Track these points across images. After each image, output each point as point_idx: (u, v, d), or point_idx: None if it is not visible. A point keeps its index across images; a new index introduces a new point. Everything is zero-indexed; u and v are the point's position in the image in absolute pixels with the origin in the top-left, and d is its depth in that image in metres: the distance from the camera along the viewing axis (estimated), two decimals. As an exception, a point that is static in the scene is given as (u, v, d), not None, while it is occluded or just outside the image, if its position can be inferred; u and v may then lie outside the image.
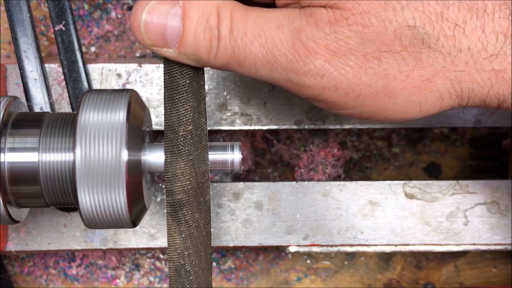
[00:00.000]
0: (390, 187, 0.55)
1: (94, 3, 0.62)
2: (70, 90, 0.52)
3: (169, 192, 0.39)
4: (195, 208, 0.40)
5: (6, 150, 0.41)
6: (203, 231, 0.40)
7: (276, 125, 0.54)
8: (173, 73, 0.39)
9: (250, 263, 0.64)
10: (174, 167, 0.39)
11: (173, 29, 0.37)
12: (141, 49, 0.63)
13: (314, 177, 0.62)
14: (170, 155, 0.39)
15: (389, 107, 0.37)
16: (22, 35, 0.51)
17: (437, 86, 0.36)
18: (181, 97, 0.39)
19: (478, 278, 0.64)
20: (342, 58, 0.36)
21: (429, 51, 0.36)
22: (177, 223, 0.39)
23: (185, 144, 0.39)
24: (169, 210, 0.40)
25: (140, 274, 0.63)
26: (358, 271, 0.64)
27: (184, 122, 0.39)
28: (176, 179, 0.39)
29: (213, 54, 0.37)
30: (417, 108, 0.37)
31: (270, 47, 0.36)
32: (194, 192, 0.39)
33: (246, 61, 0.37)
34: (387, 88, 0.36)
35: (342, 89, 0.36)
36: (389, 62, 0.36)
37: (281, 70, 0.36)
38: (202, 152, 0.40)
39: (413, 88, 0.36)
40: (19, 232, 0.53)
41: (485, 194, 0.55)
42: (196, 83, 0.39)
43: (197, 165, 0.39)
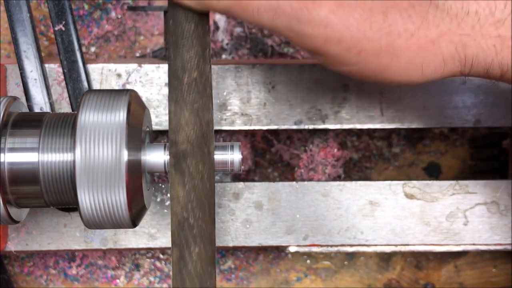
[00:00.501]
0: (390, 187, 0.55)
1: (94, 3, 0.62)
2: (70, 90, 0.52)
3: (173, 143, 0.38)
4: (199, 159, 0.38)
5: (6, 150, 0.41)
6: (207, 183, 0.39)
7: (276, 125, 0.54)
8: (178, 18, 0.38)
9: (250, 263, 0.64)
10: (178, 117, 0.38)
11: None
12: (141, 49, 0.63)
13: (314, 177, 0.62)
14: (174, 104, 0.38)
15: (391, 66, 0.36)
16: (22, 35, 0.51)
17: (441, 49, 0.36)
18: (186, 43, 0.38)
19: (478, 278, 0.64)
20: (347, 9, 0.35)
21: (436, 11, 0.35)
22: (180, 175, 0.38)
23: (190, 92, 0.38)
24: (173, 161, 0.38)
25: (140, 274, 0.63)
26: (358, 271, 0.64)
27: (188, 69, 0.38)
28: (180, 128, 0.38)
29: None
30: (419, 70, 0.37)
31: None
32: (198, 142, 0.38)
33: (249, 7, 0.36)
34: (391, 46, 0.36)
35: (345, 42, 0.36)
36: (394, 18, 0.35)
37: (284, 17, 0.36)
38: (207, 101, 0.39)
39: (417, 48, 0.36)
40: (19, 232, 0.53)
41: (485, 194, 0.55)
42: (201, 28, 0.38)
43: (202, 114, 0.38)
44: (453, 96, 0.55)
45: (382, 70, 0.37)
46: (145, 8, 0.57)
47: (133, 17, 0.62)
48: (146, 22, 0.63)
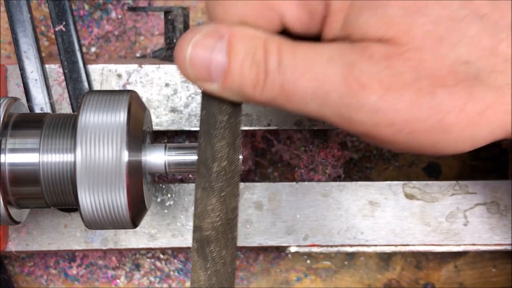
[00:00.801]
0: (390, 188, 0.55)
1: (94, 4, 0.62)
2: (71, 91, 0.52)
3: (197, 228, 0.38)
4: (223, 245, 0.39)
5: (6, 151, 0.41)
6: (229, 267, 0.39)
7: (276, 125, 0.54)
8: (212, 109, 0.38)
9: (250, 263, 0.64)
10: (205, 203, 0.38)
11: (218, 63, 0.36)
12: (141, 50, 0.63)
13: (314, 178, 0.62)
14: (202, 191, 0.38)
15: (441, 141, 0.37)
16: (22, 35, 0.51)
17: (489, 120, 0.36)
18: (218, 133, 0.38)
19: (478, 278, 0.64)
20: (396, 93, 0.35)
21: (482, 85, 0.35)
22: (203, 260, 0.38)
23: (218, 180, 0.38)
24: (196, 246, 0.38)
25: (140, 274, 0.63)
26: (358, 271, 0.64)
27: (219, 158, 0.38)
28: (206, 215, 0.38)
29: (259, 88, 0.36)
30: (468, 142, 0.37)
31: (321, 82, 0.35)
32: (223, 229, 0.38)
33: (295, 96, 0.36)
34: (441, 123, 0.36)
35: (396, 125, 0.36)
36: (443, 96, 0.35)
37: (332, 105, 0.36)
38: (234, 188, 0.39)
39: (466, 122, 0.36)
40: (20, 232, 0.53)
41: (485, 194, 0.55)
42: (233, 119, 0.39)
43: (229, 201, 0.39)
44: (453, 97, 0.55)
45: (432, 145, 0.37)
46: (145, 8, 0.57)
47: (133, 17, 0.62)
48: (146, 22, 0.63)
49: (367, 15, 0.35)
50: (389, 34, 0.34)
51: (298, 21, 0.37)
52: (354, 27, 0.35)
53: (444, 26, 0.35)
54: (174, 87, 0.53)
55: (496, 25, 0.35)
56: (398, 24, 0.34)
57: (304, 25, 0.37)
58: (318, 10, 0.36)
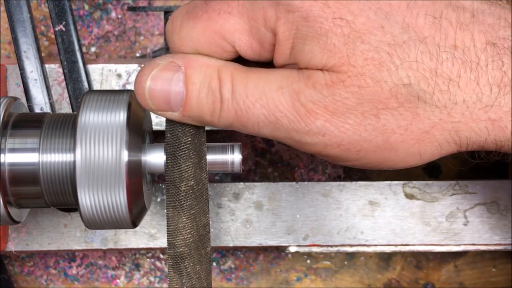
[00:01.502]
0: (390, 187, 0.55)
1: (94, 3, 0.62)
2: (70, 91, 0.52)
3: (171, 245, 0.40)
4: (197, 260, 0.40)
5: (6, 150, 0.41)
6: (204, 282, 0.41)
7: (276, 126, 0.54)
8: (175, 132, 0.40)
9: (250, 263, 0.64)
10: (176, 221, 0.40)
11: (176, 94, 0.38)
12: (141, 50, 0.63)
13: (314, 177, 0.62)
14: (172, 210, 0.40)
15: (390, 158, 0.38)
16: (22, 35, 0.51)
17: (436, 137, 0.38)
18: (183, 154, 0.40)
19: (478, 278, 0.64)
20: (341, 117, 0.37)
21: (425, 105, 0.37)
22: (178, 275, 0.40)
23: (187, 199, 0.40)
24: (171, 262, 0.40)
25: (140, 274, 0.63)
26: (358, 271, 0.64)
27: (185, 177, 0.40)
28: (178, 232, 0.40)
29: (216, 116, 0.38)
30: (417, 157, 0.39)
31: (272, 109, 0.37)
32: (195, 245, 0.40)
33: (249, 122, 0.38)
34: (387, 142, 0.37)
35: (343, 145, 0.38)
36: (387, 118, 0.37)
37: (283, 130, 0.38)
38: (203, 206, 0.41)
39: (412, 140, 0.38)
40: (20, 232, 0.53)
41: (485, 194, 0.55)
42: (197, 140, 0.40)
43: (199, 218, 0.40)
44: (453, 96, 0.55)
45: (383, 162, 0.39)
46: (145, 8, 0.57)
47: (133, 17, 0.62)
48: (146, 22, 0.63)
49: (311, 44, 0.36)
50: (331, 62, 0.36)
51: (250, 49, 0.39)
52: (300, 55, 0.37)
53: (385, 51, 0.36)
54: (174, 87, 0.53)
55: (438, 46, 0.36)
56: (340, 52, 0.36)
57: (256, 52, 0.39)
58: (267, 38, 0.38)
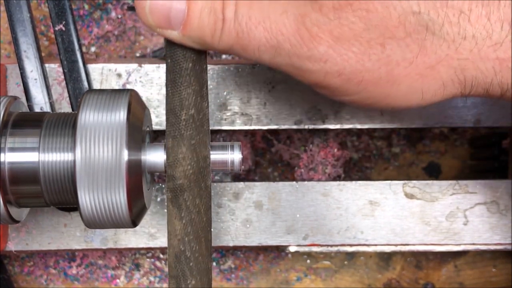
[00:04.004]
0: (390, 187, 0.55)
1: (94, 3, 0.62)
2: (70, 90, 0.52)
3: (170, 177, 0.39)
4: (196, 193, 0.39)
5: (6, 150, 0.41)
6: (204, 216, 0.40)
7: (276, 125, 0.54)
8: (176, 56, 0.39)
9: (250, 263, 0.64)
10: (176, 152, 0.39)
11: (178, 11, 0.37)
12: (141, 49, 0.63)
13: (314, 177, 0.62)
14: (172, 140, 0.39)
15: (391, 93, 0.37)
16: (22, 35, 0.51)
17: (440, 74, 0.36)
18: (184, 81, 0.39)
19: (478, 278, 0.64)
20: (345, 44, 0.35)
21: (433, 38, 0.35)
22: (177, 209, 0.39)
23: (187, 128, 0.39)
24: (170, 195, 0.39)
25: (140, 274, 0.63)
26: (358, 271, 0.64)
27: (186, 106, 0.39)
28: (178, 164, 0.39)
29: (217, 37, 0.37)
30: (419, 95, 0.37)
31: (274, 32, 0.36)
32: (195, 177, 0.39)
33: (250, 46, 0.37)
34: (390, 75, 0.36)
35: (345, 74, 0.36)
36: (392, 48, 0.35)
37: (285, 55, 0.37)
38: (204, 137, 0.39)
39: (416, 75, 0.36)
40: (19, 232, 0.53)
41: (485, 194, 0.55)
42: (198, 67, 0.39)
43: (199, 149, 0.39)
44: (453, 96, 0.55)
45: (383, 97, 0.38)
46: (145, 8, 0.56)
47: (133, 17, 0.62)
48: (146, 22, 0.62)
49: None
50: None
51: None
52: None
53: None
54: (174, 86, 0.53)
55: None
56: None
57: None
58: None
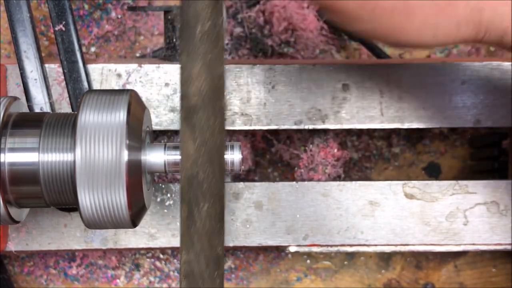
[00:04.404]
0: (390, 187, 0.55)
1: (94, 3, 0.62)
2: (70, 90, 0.52)
3: (184, 96, 0.37)
4: (211, 113, 0.38)
5: (6, 150, 0.41)
6: (218, 138, 0.38)
7: (276, 125, 0.54)
8: None
9: (250, 263, 0.64)
10: (190, 68, 0.37)
11: None
12: (141, 49, 0.63)
13: (314, 177, 0.62)
14: (186, 56, 0.37)
15: (404, 26, 0.36)
16: (22, 35, 0.51)
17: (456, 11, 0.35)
18: None
19: (478, 278, 0.64)
20: None
21: None
22: (191, 129, 0.37)
23: (202, 42, 0.37)
24: (183, 114, 0.37)
25: (140, 274, 0.63)
26: (358, 271, 0.64)
27: (201, 19, 0.37)
28: (192, 80, 0.37)
29: None
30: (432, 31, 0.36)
31: None
32: (209, 96, 0.38)
33: None
34: (406, 5, 0.35)
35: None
36: None
37: None
38: (219, 53, 0.38)
39: (432, 9, 0.35)
40: (19, 232, 0.53)
41: (485, 194, 0.55)
42: None
43: (214, 66, 0.38)
44: (453, 96, 0.55)
45: (396, 29, 0.36)
46: (145, 8, 0.57)
47: (133, 17, 0.62)
48: (146, 22, 0.63)
49: None
50: None
51: None
52: None
53: None
54: (173, 86, 0.53)
55: None
56: None
57: None
58: None
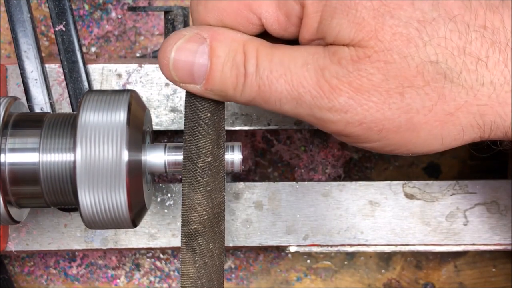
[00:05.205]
0: (390, 187, 0.55)
1: (94, 3, 0.62)
2: (71, 91, 0.52)
3: (185, 222, 0.40)
4: (210, 238, 0.40)
5: (6, 150, 0.41)
6: (217, 260, 0.40)
7: (276, 125, 0.54)
8: (195, 107, 0.40)
9: (250, 263, 0.64)
10: (192, 198, 0.40)
11: (200, 66, 0.38)
12: (141, 50, 0.63)
13: (314, 177, 0.62)
14: (188, 186, 0.40)
15: (411, 140, 0.38)
16: (22, 35, 0.51)
17: (459, 120, 0.37)
18: (202, 130, 0.40)
19: (478, 278, 0.64)
20: (365, 94, 0.36)
21: (452, 85, 0.36)
22: (191, 253, 0.40)
23: (204, 175, 0.40)
24: (184, 239, 0.40)
25: (140, 274, 0.63)
26: (358, 271, 0.64)
27: (203, 154, 0.40)
28: (193, 209, 0.40)
29: (239, 90, 0.38)
30: (439, 141, 0.38)
31: (295, 85, 0.37)
32: (210, 222, 0.40)
33: (272, 98, 0.38)
34: (410, 122, 0.37)
35: (366, 123, 0.37)
36: (412, 97, 0.36)
37: (306, 106, 0.37)
38: (220, 183, 0.40)
39: (436, 122, 0.37)
40: (20, 232, 0.53)
41: (485, 194, 0.55)
42: (216, 116, 0.40)
43: (214, 196, 0.40)
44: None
45: (404, 144, 0.38)
46: (145, 8, 0.57)
47: (133, 17, 0.62)
48: (146, 22, 0.63)
49: (339, 17, 0.36)
50: (359, 36, 0.36)
51: (276, 22, 0.38)
52: (328, 28, 0.37)
53: (414, 27, 0.35)
54: (174, 87, 0.53)
55: (467, 25, 0.36)
56: (369, 26, 0.36)
57: (282, 26, 0.38)
58: (295, 11, 0.38)
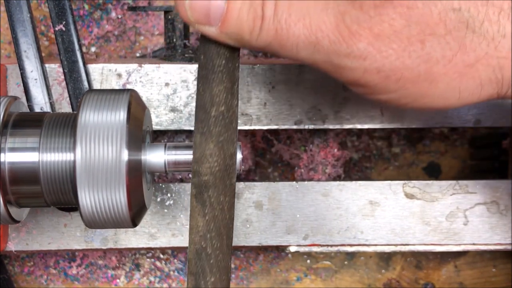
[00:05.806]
0: (390, 187, 0.55)
1: (94, 3, 0.62)
2: (71, 90, 0.52)
3: (196, 173, 0.39)
4: (221, 191, 0.39)
5: (6, 150, 0.41)
6: (227, 214, 0.39)
7: (276, 125, 0.54)
8: (210, 53, 0.39)
9: (250, 263, 0.64)
10: (203, 148, 0.39)
11: (217, 7, 0.37)
12: (141, 49, 0.63)
13: (314, 177, 0.62)
14: (200, 136, 0.39)
15: (428, 92, 0.37)
16: (22, 35, 0.51)
17: (479, 72, 0.36)
18: (216, 77, 0.39)
19: (478, 278, 0.64)
20: (385, 40, 0.35)
21: (473, 35, 0.35)
22: (201, 205, 0.39)
23: (216, 125, 0.39)
24: (194, 191, 0.39)
25: (140, 274, 0.63)
26: (358, 271, 0.64)
27: (217, 102, 0.39)
28: (204, 160, 0.39)
29: (255, 34, 0.37)
30: (456, 94, 0.37)
31: (314, 29, 0.36)
32: (221, 174, 0.39)
33: (288, 43, 0.37)
34: (429, 72, 0.36)
35: (384, 71, 0.36)
36: (432, 46, 0.35)
37: (323, 52, 0.36)
38: (232, 134, 0.39)
39: (455, 73, 0.36)
40: (20, 232, 0.53)
41: (485, 194, 0.55)
42: (231, 64, 0.39)
43: (226, 147, 0.39)
44: (453, 96, 0.55)
45: (420, 96, 0.37)
46: (145, 8, 0.57)
47: (133, 17, 0.62)
48: (146, 22, 0.63)
49: None
50: None
51: None
52: None
53: None
54: (174, 86, 0.53)
55: None
56: None
57: None
58: None
